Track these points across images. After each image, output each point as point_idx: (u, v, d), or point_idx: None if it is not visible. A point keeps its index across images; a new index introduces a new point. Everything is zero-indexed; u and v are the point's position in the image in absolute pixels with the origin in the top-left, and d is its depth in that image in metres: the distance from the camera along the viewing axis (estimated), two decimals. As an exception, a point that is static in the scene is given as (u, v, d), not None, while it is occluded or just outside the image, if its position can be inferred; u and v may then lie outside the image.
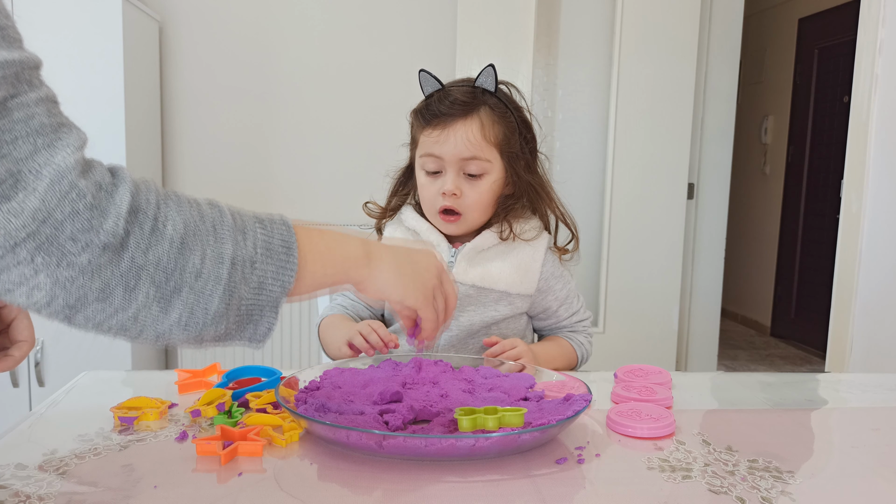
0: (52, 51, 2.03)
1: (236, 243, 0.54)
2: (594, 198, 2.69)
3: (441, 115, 1.02)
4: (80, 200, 0.47)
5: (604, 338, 2.68)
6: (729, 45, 2.77)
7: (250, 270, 0.55)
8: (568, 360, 1.11)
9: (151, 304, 0.50)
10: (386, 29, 2.54)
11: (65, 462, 0.64)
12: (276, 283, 0.57)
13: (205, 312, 0.53)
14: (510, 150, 1.05)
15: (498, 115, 1.04)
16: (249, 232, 0.56)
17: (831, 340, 2.02)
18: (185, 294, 0.51)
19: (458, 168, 1.03)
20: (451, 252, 1.08)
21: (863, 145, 1.90)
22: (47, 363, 2.14)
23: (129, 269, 0.49)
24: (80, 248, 0.47)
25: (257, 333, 0.58)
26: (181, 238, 0.51)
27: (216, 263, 0.53)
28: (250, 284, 0.55)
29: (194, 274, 0.52)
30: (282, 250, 0.57)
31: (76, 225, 0.46)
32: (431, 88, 1.07)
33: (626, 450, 0.71)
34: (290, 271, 0.57)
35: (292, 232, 0.59)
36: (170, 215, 0.52)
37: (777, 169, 4.30)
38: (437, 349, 1.07)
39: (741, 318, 4.69)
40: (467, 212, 1.05)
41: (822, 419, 0.86)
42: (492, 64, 1.05)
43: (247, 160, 2.56)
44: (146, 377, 1.01)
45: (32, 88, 0.48)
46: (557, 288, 1.12)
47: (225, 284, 0.53)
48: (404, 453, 0.65)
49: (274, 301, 0.57)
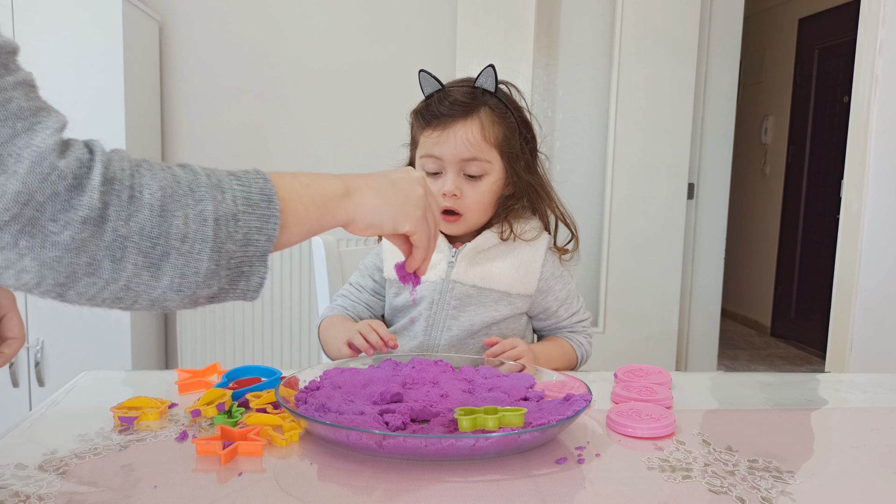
0: (52, 51, 2.03)
1: (216, 201, 0.54)
2: (594, 198, 2.69)
3: (441, 116, 1.02)
4: (61, 182, 0.47)
5: (604, 338, 2.68)
6: (729, 45, 2.77)
7: (234, 226, 0.54)
8: (568, 361, 1.11)
9: (141, 271, 0.50)
10: (386, 29, 2.54)
11: (65, 462, 0.64)
12: (262, 235, 0.56)
13: (196, 273, 0.52)
14: (510, 150, 1.05)
15: (498, 116, 1.04)
16: (227, 188, 0.55)
17: (831, 340, 2.02)
18: (173, 258, 0.51)
19: (458, 169, 1.03)
20: (452, 252, 1.08)
21: (863, 145, 1.90)
22: (47, 363, 2.14)
23: (114, 241, 0.49)
24: (61, 226, 0.47)
25: (250, 287, 0.58)
26: (160, 203, 0.51)
27: (200, 223, 0.52)
28: (236, 239, 0.55)
29: (180, 237, 0.51)
30: (262, 201, 0.56)
31: (56, 206, 0.46)
32: (431, 89, 1.07)
33: (627, 450, 0.71)
34: (274, 220, 0.57)
35: (269, 181, 0.58)
36: (145, 182, 0.51)
37: (777, 169, 4.30)
38: (437, 349, 1.08)
39: (741, 318, 4.69)
40: (467, 212, 1.05)
41: (822, 419, 0.86)
42: (492, 64, 1.05)
43: (247, 160, 2.55)
44: (146, 377, 1.02)
45: (9, 72, 0.48)
46: (557, 288, 1.12)
47: (212, 243, 0.53)
48: (404, 453, 0.65)
49: (262, 252, 0.57)
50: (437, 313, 1.08)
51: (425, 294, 1.08)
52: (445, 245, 1.08)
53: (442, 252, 1.08)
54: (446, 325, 1.08)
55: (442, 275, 1.07)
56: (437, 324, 1.08)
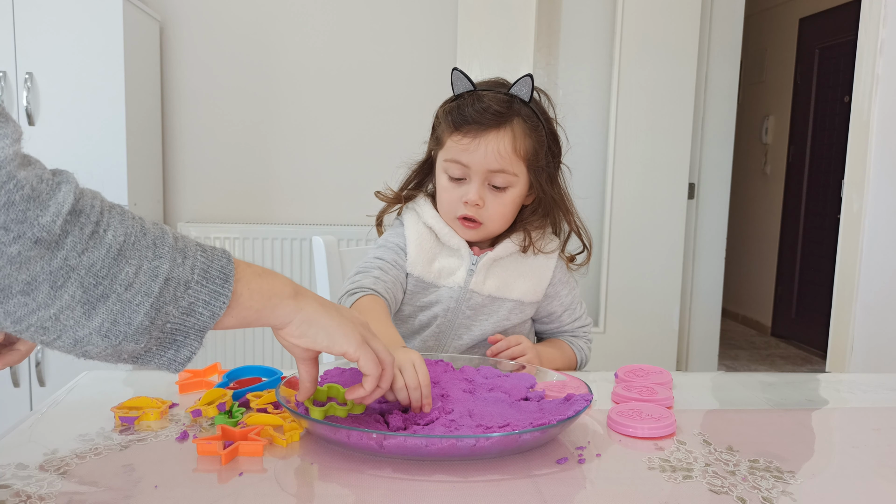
0: (53, 51, 2.03)
1: (174, 262, 0.54)
2: (595, 198, 2.69)
3: (472, 123, 0.99)
4: (17, 192, 0.46)
5: (604, 338, 2.68)
6: (729, 45, 2.77)
7: (183, 291, 0.54)
8: (568, 363, 1.11)
9: (76, 305, 0.50)
10: (386, 29, 2.54)
11: (65, 462, 0.64)
12: (207, 310, 0.56)
13: (128, 324, 0.52)
14: (537, 163, 1.03)
15: (529, 128, 1.01)
16: (190, 255, 0.55)
17: (832, 340, 2.02)
18: (111, 302, 0.51)
19: (484, 179, 1.01)
20: (473, 259, 1.06)
21: (863, 145, 1.90)
22: (48, 363, 2.14)
23: (61, 268, 0.48)
24: (12, 238, 0.46)
25: (178, 358, 0.57)
26: (119, 247, 0.51)
27: (150, 277, 0.52)
28: (180, 305, 0.54)
29: (125, 284, 0.51)
30: (218, 278, 0.56)
31: (10, 215, 0.46)
32: (464, 89, 1.03)
33: (627, 450, 0.71)
34: (224, 299, 0.56)
35: (232, 263, 0.58)
36: (112, 223, 0.51)
37: (778, 169, 4.30)
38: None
39: (742, 317, 4.69)
40: (488, 222, 1.04)
41: (823, 419, 0.86)
42: (529, 74, 1.01)
43: (247, 160, 2.56)
44: (147, 377, 1.01)
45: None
46: (564, 293, 1.12)
47: (154, 299, 0.52)
48: (405, 453, 0.65)
49: (201, 327, 0.56)
50: (451, 321, 1.07)
51: (441, 300, 1.06)
52: (466, 251, 1.06)
53: (463, 258, 1.06)
54: (457, 333, 1.07)
55: (461, 282, 1.06)
56: (450, 331, 1.07)
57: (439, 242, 1.07)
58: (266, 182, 2.57)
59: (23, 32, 2.01)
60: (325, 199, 2.58)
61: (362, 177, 2.51)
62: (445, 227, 1.07)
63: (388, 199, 1.13)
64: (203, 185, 2.55)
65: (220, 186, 2.56)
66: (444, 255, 1.07)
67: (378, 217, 1.15)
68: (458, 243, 1.06)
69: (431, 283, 1.07)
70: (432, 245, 1.07)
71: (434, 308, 1.06)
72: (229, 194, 2.56)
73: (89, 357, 0.53)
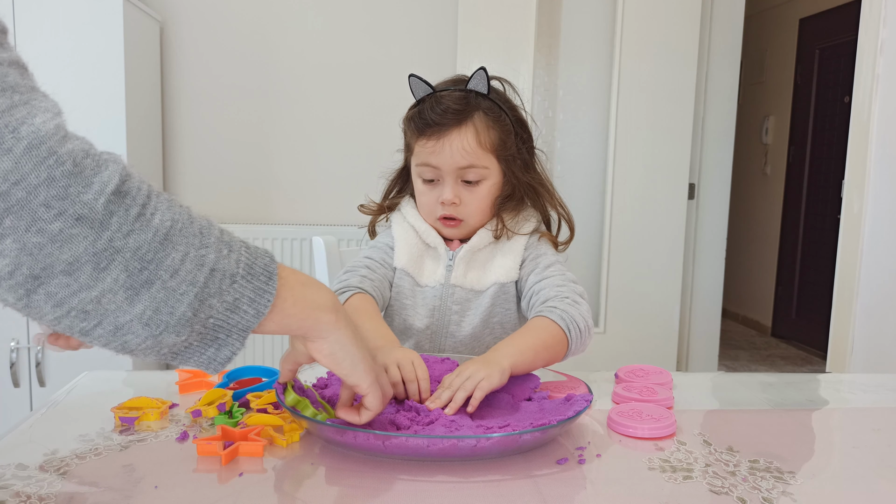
0: (53, 51, 2.03)
1: (220, 253, 0.52)
2: (595, 198, 2.69)
3: (434, 125, 1.00)
4: (58, 167, 0.45)
5: (604, 338, 2.68)
6: (730, 46, 2.77)
7: (228, 285, 0.52)
8: (545, 340, 0.88)
9: (118, 290, 0.48)
10: (386, 29, 2.54)
11: (66, 462, 0.64)
12: (252, 308, 0.54)
13: (170, 313, 0.50)
14: (506, 153, 1.04)
15: (492, 119, 1.02)
16: (235, 248, 0.54)
17: (832, 341, 2.02)
18: (155, 288, 0.49)
19: (456, 176, 1.02)
20: (450, 255, 1.07)
21: (864, 145, 1.90)
22: (48, 363, 2.14)
23: (105, 249, 0.47)
24: (54, 215, 0.45)
25: (218, 357, 0.55)
26: (166, 231, 0.49)
27: (196, 266, 0.50)
28: (225, 300, 0.52)
29: (171, 271, 0.49)
30: (263, 275, 0.55)
31: (51, 192, 0.44)
32: (423, 93, 1.04)
33: (627, 450, 0.71)
34: (268, 297, 0.55)
35: (275, 263, 0.57)
36: (160, 207, 0.50)
37: (778, 169, 4.30)
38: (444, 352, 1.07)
39: (742, 318, 4.69)
40: (468, 217, 1.04)
41: (824, 420, 0.86)
42: (483, 67, 1.03)
43: (247, 160, 2.56)
44: (147, 377, 1.01)
45: (4, 49, 0.47)
46: (541, 264, 1.05)
47: (199, 290, 0.50)
48: (406, 453, 0.65)
49: (245, 326, 0.54)
50: (441, 320, 1.07)
51: (427, 300, 1.07)
52: (443, 248, 1.07)
53: (440, 255, 1.07)
54: (449, 331, 1.07)
55: (441, 279, 1.07)
56: (442, 330, 1.07)
57: (422, 241, 1.09)
58: (266, 182, 2.57)
59: (22, 32, 2.01)
60: (325, 199, 2.58)
61: (362, 177, 2.51)
62: (424, 224, 1.08)
63: (372, 211, 1.15)
64: (203, 185, 2.55)
65: (220, 186, 2.56)
66: (427, 254, 1.09)
67: (369, 227, 1.17)
68: (435, 241, 1.07)
69: (417, 281, 1.07)
70: (417, 243, 1.08)
71: (420, 310, 1.07)
72: (229, 194, 2.56)
73: (128, 350, 0.51)
